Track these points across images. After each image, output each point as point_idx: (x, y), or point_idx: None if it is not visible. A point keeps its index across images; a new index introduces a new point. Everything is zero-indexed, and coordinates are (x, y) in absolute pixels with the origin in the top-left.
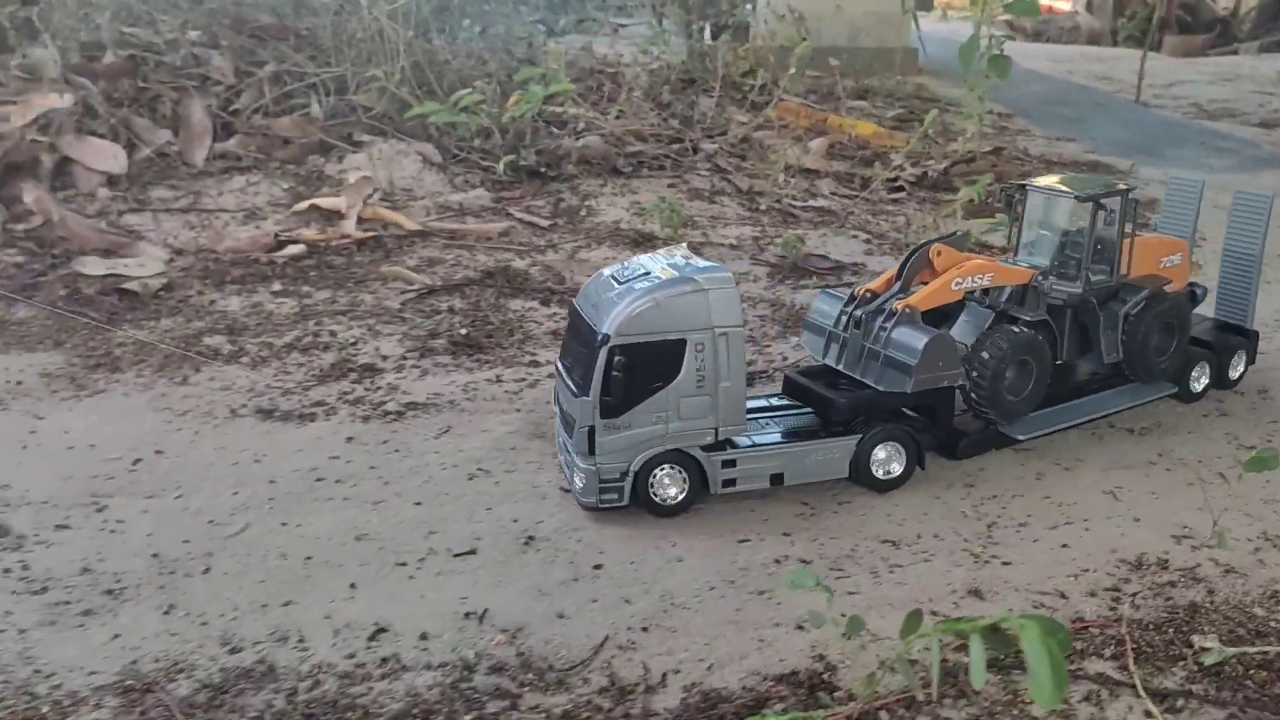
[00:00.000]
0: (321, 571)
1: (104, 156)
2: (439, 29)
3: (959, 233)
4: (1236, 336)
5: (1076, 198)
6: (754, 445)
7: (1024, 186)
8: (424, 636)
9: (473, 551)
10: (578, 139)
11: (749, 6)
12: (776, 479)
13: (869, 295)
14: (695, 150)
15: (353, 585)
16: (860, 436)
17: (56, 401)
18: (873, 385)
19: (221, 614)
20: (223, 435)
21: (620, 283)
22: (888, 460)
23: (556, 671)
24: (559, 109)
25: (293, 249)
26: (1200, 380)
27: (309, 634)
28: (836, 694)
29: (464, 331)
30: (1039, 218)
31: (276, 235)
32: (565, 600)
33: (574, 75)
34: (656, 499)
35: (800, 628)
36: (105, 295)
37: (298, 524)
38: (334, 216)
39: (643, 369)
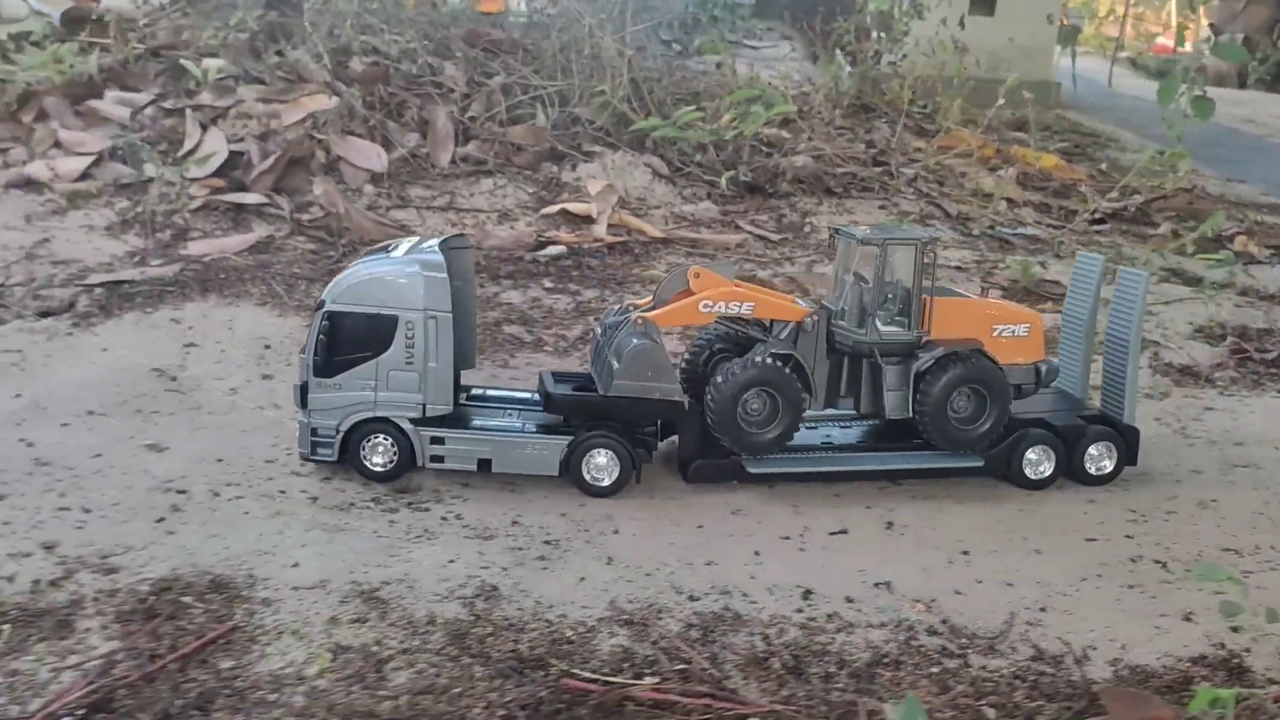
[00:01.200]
0: (719, 540)
1: (368, 156)
2: (636, 47)
3: (732, 261)
4: (1100, 427)
5: (859, 240)
6: (468, 428)
7: (838, 230)
8: (849, 600)
9: (844, 531)
10: (790, 157)
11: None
12: (485, 464)
13: (630, 309)
14: (896, 174)
15: (756, 553)
16: (572, 438)
17: None
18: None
19: (656, 568)
20: None
21: (369, 257)
22: (605, 467)
23: (983, 639)
24: (764, 129)
25: (552, 249)
26: (1039, 467)
27: (747, 590)
28: (1253, 676)
29: None
30: (843, 261)
31: (537, 235)
32: (954, 579)
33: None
34: (367, 464)
35: (1188, 619)
36: None
37: (683, 498)
38: (582, 221)
39: (356, 338)
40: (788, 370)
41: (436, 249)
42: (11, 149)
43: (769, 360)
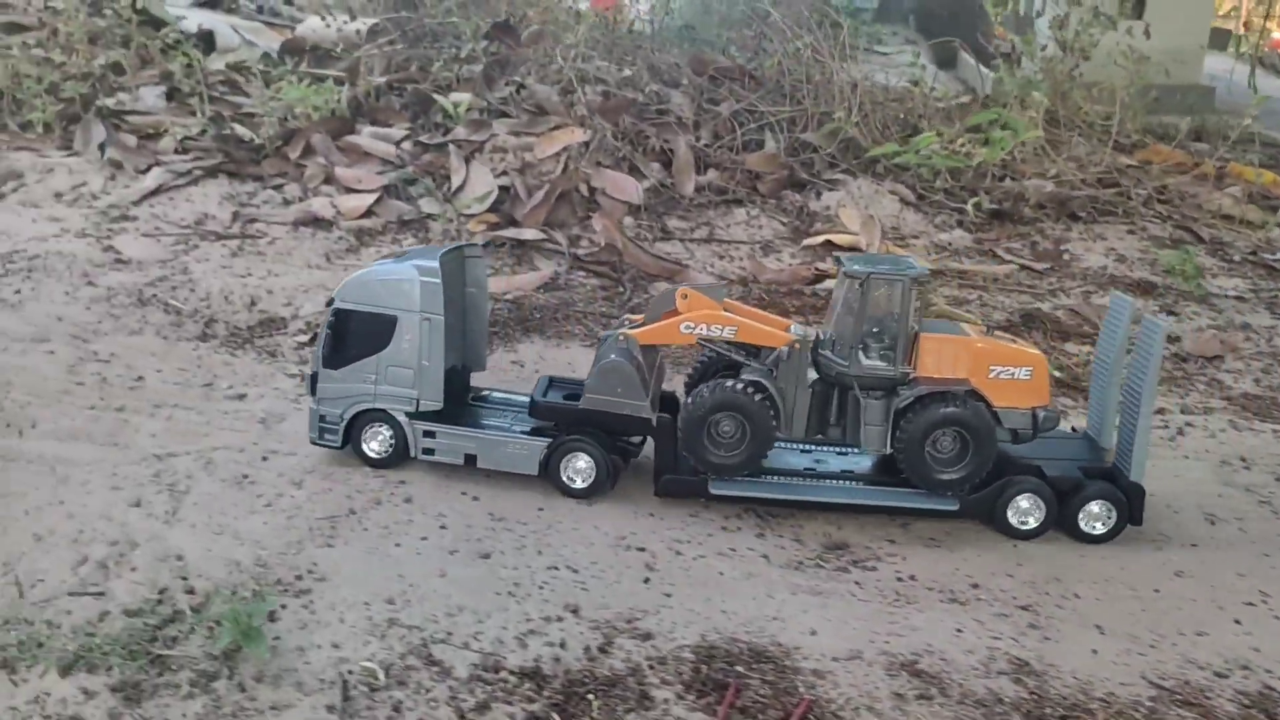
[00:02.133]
0: (1179, 605)
1: (625, 188)
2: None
3: (721, 284)
4: (1100, 483)
5: (844, 272)
6: (457, 425)
7: (840, 260)
8: None
9: None
10: (1030, 180)
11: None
12: (471, 459)
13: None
14: (1131, 195)
15: (1237, 621)
16: (550, 441)
17: None
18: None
19: (1158, 637)
20: None
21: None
22: (583, 470)
23: None
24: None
25: (830, 282)
26: (1027, 518)
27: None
28: None
29: (1055, 373)
30: (840, 291)
31: (814, 269)
32: None
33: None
34: (366, 450)
35: None
36: None
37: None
38: (846, 252)
39: (361, 334)
40: (757, 397)
41: (437, 257)
42: (285, 185)
43: (739, 386)
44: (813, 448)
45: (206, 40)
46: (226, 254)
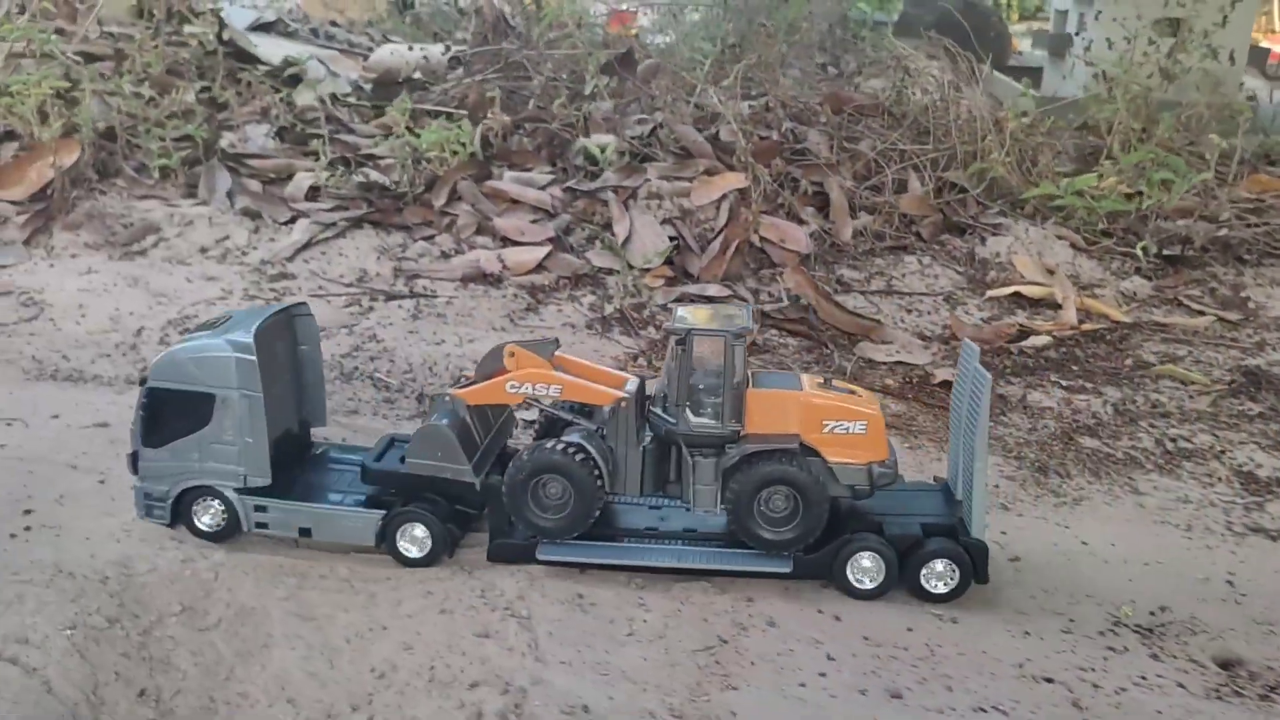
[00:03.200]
0: None
1: (794, 237)
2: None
3: (551, 340)
4: (941, 541)
5: (665, 328)
6: (289, 500)
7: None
8: None
9: None
10: (1199, 222)
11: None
12: (305, 532)
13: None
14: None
15: None
16: (385, 512)
17: None
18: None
19: None
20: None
21: (194, 331)
22: (419, 540)
23: None
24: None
25: (1036, 340)
26: (865, 579)
27: None
28: None
29: None
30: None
31: (1020, 325)
32: None
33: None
34: (198, 525)
35: None
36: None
37: None
38: (1032, 304)
39: (178, 412)
40: (578, 458)
41: (253, 328)
42: (436, 236)
43: (559, 447)
44: (662, 505)
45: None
46: (405, 315)
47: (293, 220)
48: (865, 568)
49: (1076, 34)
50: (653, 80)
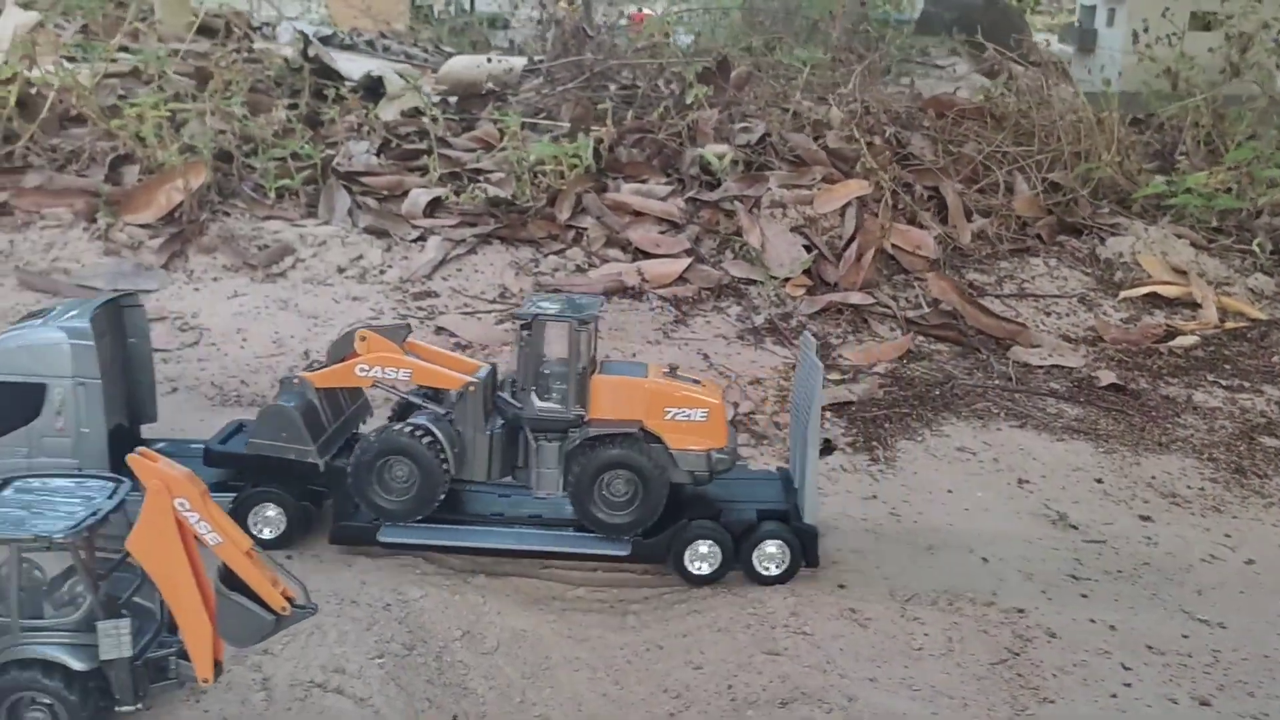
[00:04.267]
0: None
1: (921, 242)
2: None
3: (403, 325)
4: (774, 524)
5: (513, 316)
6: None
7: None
8: None
9: None
10: None
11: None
12: None
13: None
14: None
15: None
16: (235, 495)
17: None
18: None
19: None
20: None
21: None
22: (272, 520)
23: None
24: None
25: (1184, 340)
26: (701, 563)
27: None
28: None
29: None
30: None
31: (1166, 325)
32: None
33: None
34: None
35: None
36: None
37: None
38: (1168, 304)
39: (6, 404)
40: (425, 440)
41: (88, 314)
42: (566, 249)
43: (405, 430)
44: (510, 491)
45: (374, 87)
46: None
47: (422, 238)
48: (702, 553)
49: (1109, 27)
50: (744, 88)
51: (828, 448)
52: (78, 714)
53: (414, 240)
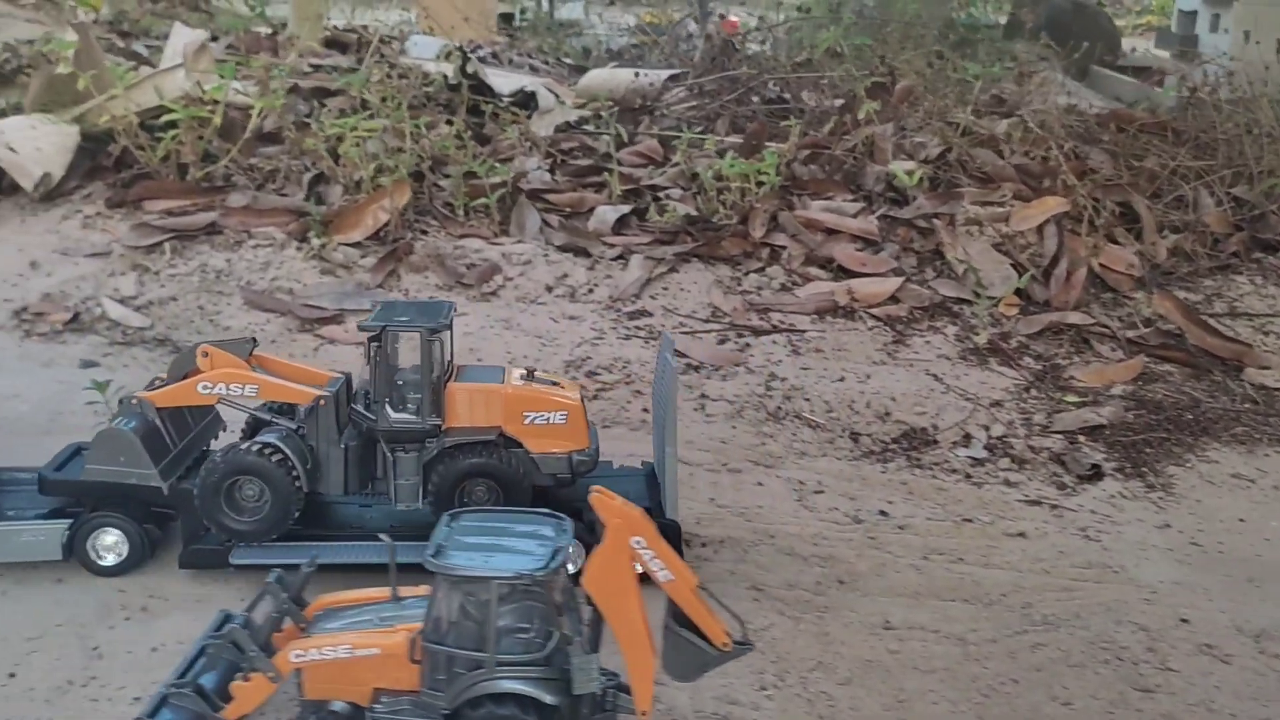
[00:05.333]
0: None
1: (1125, 260)
2: None
3: (247, 339)
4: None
5: (360, 326)
6: None
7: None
8: None
9: None
10: None
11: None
12: None
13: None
14: None
15: None
16: (72, 521)
17: None
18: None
19: None
20: None
21: None
22: (113, 546)
23: None
24: None
25: None
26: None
27: None
28: None
29: None
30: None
31: None
32: None
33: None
34: None
35: None
36: None
37: None
38: None
39: None
40: (274, 458)
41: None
42: (766, 267)
43: (253, 448)
44: (372, 502)
45: (525, 102)
46: (785, 351)
47: (622, 256)
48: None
49: (1214, 31)
50: (905, 102)
51: (1096, 473)
52: None
53: (614, 258)
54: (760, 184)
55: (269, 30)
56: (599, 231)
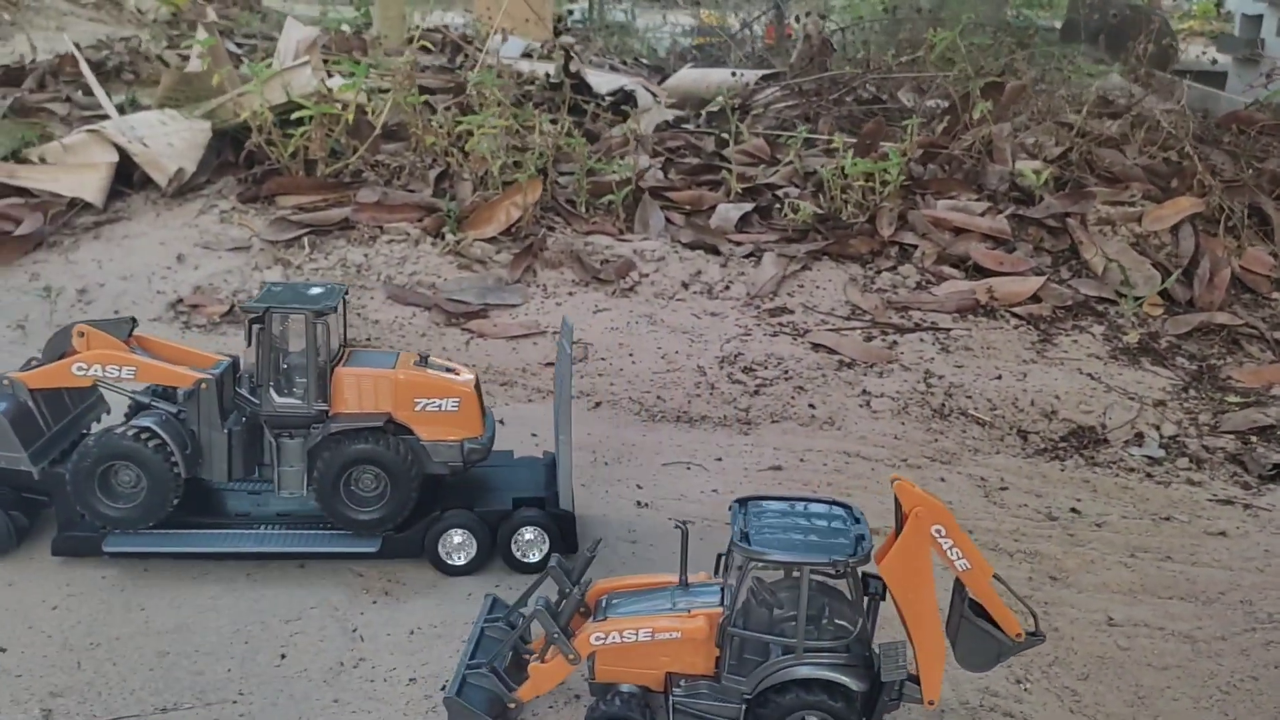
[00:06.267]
0: None
1: (1261, 260)
2: None
3: (125, 319)
4: (529, 512)
5: (242, 307)
6: None
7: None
8: None
9: None
10: None
11: None
12: None
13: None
14: None
15: None
16: None
17: None
18: None
19: None
20: None
21: None
22: None
23: None
24: None
25: None
26: (457, 554)
27: None
28: None
29: None
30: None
31: None
32: None
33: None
34: None
35: None
36: None
37: None
38: None
39: None
40: (151, 443)
41: None
42: (898, 266)
43: (129, 433)
44: (260, 489)
45: (623, 102)
46: (934, 349)
47: (753, 254)
48: (456, 544)
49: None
50: (1016, 102)
51: (1277, 473)
52: None
53: (744, 256)
54: (885, 183)
55: (352, 30)
56: (722, 229)
